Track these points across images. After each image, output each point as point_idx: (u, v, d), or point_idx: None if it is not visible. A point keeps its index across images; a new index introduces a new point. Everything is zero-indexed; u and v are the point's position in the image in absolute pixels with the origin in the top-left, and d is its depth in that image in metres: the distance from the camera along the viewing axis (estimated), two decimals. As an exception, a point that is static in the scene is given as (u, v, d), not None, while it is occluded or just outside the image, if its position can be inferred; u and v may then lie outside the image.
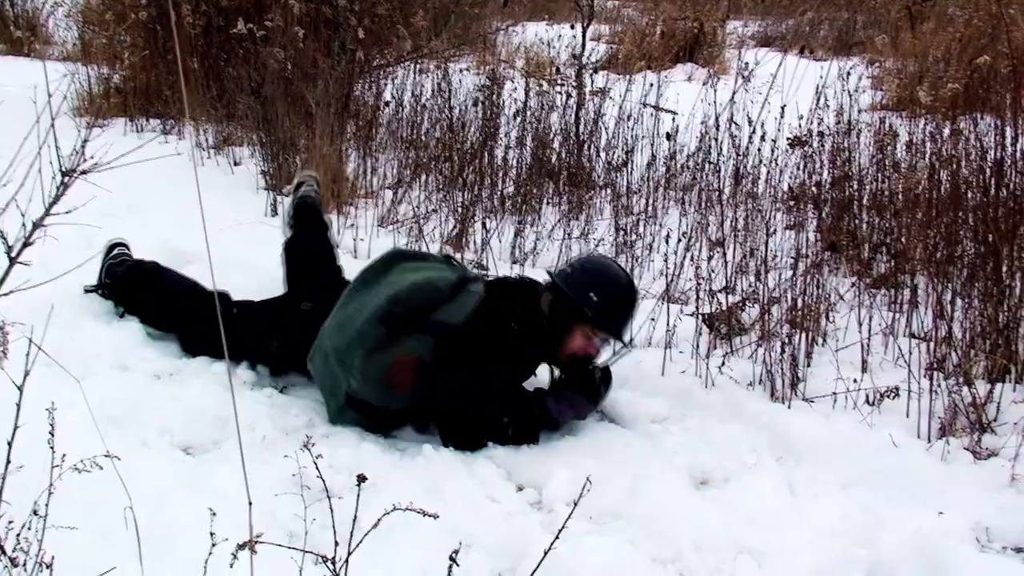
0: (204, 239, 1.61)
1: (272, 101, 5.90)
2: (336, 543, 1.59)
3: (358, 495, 1.66)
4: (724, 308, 4.12)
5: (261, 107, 5.97)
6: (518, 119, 6.08)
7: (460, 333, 3.27)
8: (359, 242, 5.00)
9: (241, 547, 1.48)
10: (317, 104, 5.80)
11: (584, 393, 3.43)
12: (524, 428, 3.29)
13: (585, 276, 3.39)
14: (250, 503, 1.51)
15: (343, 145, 5.89)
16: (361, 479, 1.69)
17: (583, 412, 3.45)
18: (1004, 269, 3.78)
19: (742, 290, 4.35)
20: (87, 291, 3.86)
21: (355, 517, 1.62)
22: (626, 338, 3.47)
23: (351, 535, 1.60)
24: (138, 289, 3.82)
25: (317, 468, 1.80)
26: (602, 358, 3.49)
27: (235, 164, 6.28)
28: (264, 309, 3.72)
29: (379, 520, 1.65)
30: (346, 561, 1.58)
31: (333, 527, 1.64)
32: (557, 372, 3.49)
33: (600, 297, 3.32)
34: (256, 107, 6.02)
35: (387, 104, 6.68)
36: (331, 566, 1.54)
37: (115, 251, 3.97)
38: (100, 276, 3.89)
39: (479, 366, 3.27)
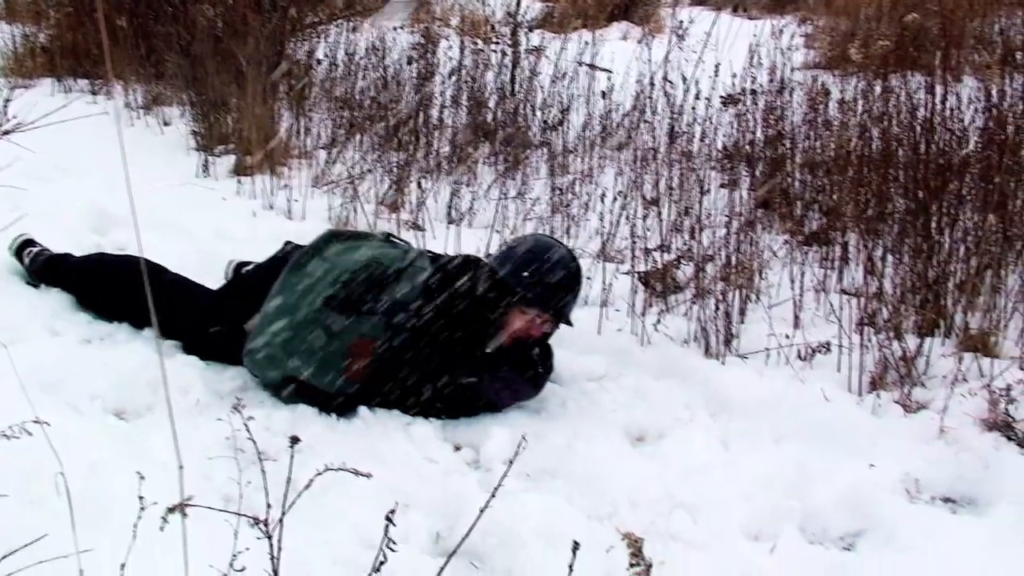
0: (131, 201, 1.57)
1: (201, 60, 5.77)
2: (268, 505, 1.57)
3: (291, 457, 1.64)
4: (659, 266, 4.14)
5: (190, 66, 5.84)
6: (453, 78, 6.03)
7: (414, 312, 3.14)
8: (293, 203, 4.95)
9: (171, 510, 1.45)
10: (248, 62, 5.70)
11: (521, 373, 3.27)
12: (458, 407, 3.18)
13: (519, 255, 3.27)
14: (180, 467, 1.48)
15: (275, 105, 5.81)
16: (294, 440, 1.67)
17: (523, 395, 3.29)
18: (933, 225, 3.84)
19: (677, 248, 4.36)
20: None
21: (289, 479, 1.60)
22: (567, 317, 3.32)
23: (285, 497, 1.58)
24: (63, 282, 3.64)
25: (248, 431, 1.78)
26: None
27: (165, 124, 6.15)
28: (205, 293, 3.53)
29: (311, 481, 1.63)
30: (280, 522, 1.56)
31: (265, 489, 1.62)
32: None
33: (532, 274, 3.19)
34: (185, 66, 5.88)
35: (319, 62, 6.59)
36: (263, 528, 1.52)
37: (26, 250, 3.76)
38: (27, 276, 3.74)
39: (438, 343, 3.13)
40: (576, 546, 1.49)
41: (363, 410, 3.11)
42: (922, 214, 3.86)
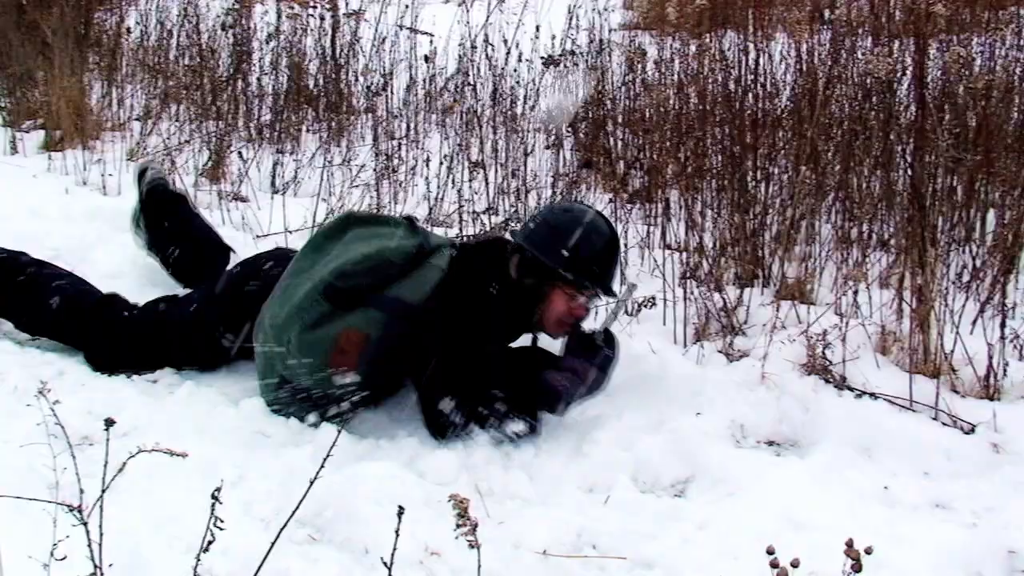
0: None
1: (4, 32, 5.50)
2: (82, 491, 1.51)
3: (107, 440, 1.58)
4: (487, 229, 4.16)
5: (-8, 39, 5.57)
6: (271, 44, 5.89)
7: (420, 313, 2.88)
8: (107, 178, 4.76)
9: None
10: (54, 33, 5.45)
11: (589, 358, 2.97)
12: (520, 412, 2.84)
13: (549, 229, 2.97)
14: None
15: (85, 76, 5.57)
16: (109, 423, 1.61)
17: (593, 382, 2.96)
18: (749, 180, 3.96)
19: (504, 210, 4.39)
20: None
21: (105, 463, 1.54)
22: (615, 290, 3.07)
23: (103, 481, 1.52)
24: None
25: (55, 415, 1.70)
26: (593, 320, 3.15)
27: (-33, 101, 5.83)
28: (181, 306, 3.30)
29: (124, 464, 1.58)
30: (99, 508, 1.50)
31: (77, 474, 1.56)
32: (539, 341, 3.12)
33: (571, 250, 2.90)
34: (-14, 38, 5.60)
35: (129, 31, 6.34)
36: (79, 515, 1.46)
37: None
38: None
39: (445, 348, 2.85)
40: (401, 510, 1.48)
41: (188, 383, 3.01)
42: (738, 169, 3.98)
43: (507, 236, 3.12)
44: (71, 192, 4.69)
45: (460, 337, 2.86)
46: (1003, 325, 3.04)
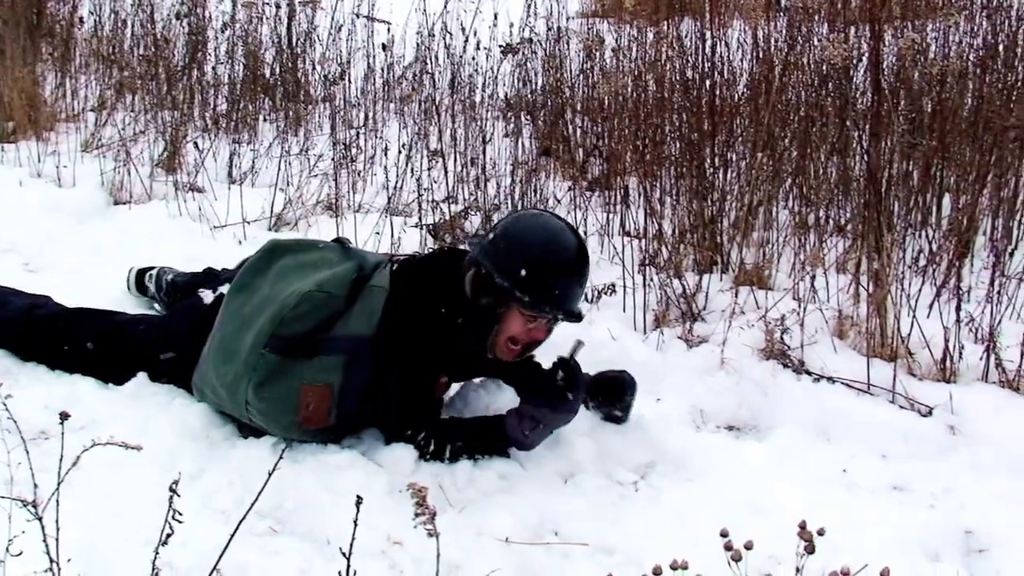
0: None
1: (-48, 22, 5.42)
2: (35, 485, 1.50)
3: (62, 434, 1.56)
4: (447, 218, 4.15)
5: (-61, 28, 5.48)
6: (226, 33, 5.84)
7: (373, 345, 2.64)
8: (62, 169, 4.69)
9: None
10: (5, 23, 5.37)
11: (549, 404, 2.65)
12: (486, 452, 2.67)
13: (509, 243, 2.62)
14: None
15: (38, 67, 5.50)
16: (64, 416, 1.59)
17: (554, 425, 2.68)
18: (707, 166, 3.98)
19: (464, 199, 4.38)
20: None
21: (61, 457, 1.53)
22: (577, 313, 2.69)
23: (58, 475, 1.51)
24: None
25: (7, 408, 1.68)
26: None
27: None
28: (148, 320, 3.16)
29: (78, 458, 1.56)
30: (52, 502, 1.48)
31: (31, 469, 1.55)
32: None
33: (530, 269, 2.56)
34: (-67, 29, 5.51)
35: (82, 21, 6.26)
36: (32, 510, 1.44)
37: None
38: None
39: (401, 382, 2.64)
40: (359, 500, 1.47)
41: (142, 376, 2.96)
42: (696, 156, 3.99)
43: (464, 247, 2.88)
44: (25, 184, 4.63)
45: (412, 367, 2.64)
46: (959, 308, 3.07)
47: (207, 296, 3.03)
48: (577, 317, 2.67)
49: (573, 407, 2.68)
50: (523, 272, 2.55)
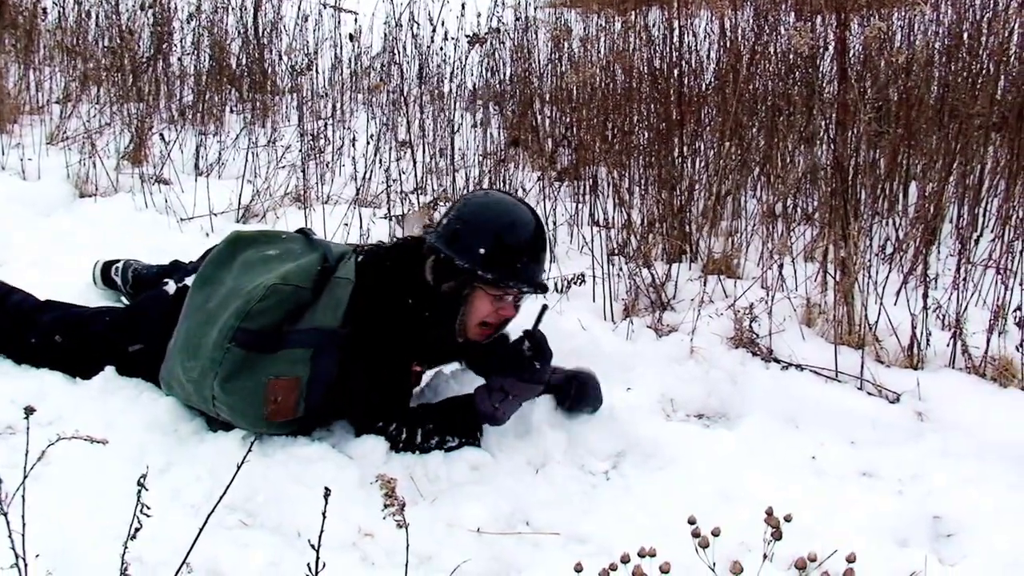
0: None
1: (-88, 12, 5.35)
2: (1, 481, 1.48)
3: (27, 429, 1.55)
4: (416, 208, 4.13)
5: (-101, 18, 5.40)
6: (192, 23, 5.80)
7: (343, 336, 2.63)
8: (27, 162, 4.64)
9: None
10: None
11: (516, 374, 2.65)
12: (458, 435, 2.66)
13: (464, 226, 2.64)
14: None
15: (1, 59, 5.43)
16: (29, 411, 1.57)
17: (524, 396, 2.69)
18: (676, 156, 3.99)
19: (433, 190, 4.37)
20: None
21: (27, 452, 1.51)
22: (542, 284, 2.70)
23: (24, 470, 1.49)
24: None
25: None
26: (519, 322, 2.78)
27: None
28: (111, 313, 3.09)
29: (43, 452, 1.55)
30: (18, 497, 1.47)
31: (-7, 463, 1.53)
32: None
33: (489, 247, 2.58)
34: None
35: (46, 12, 6.19)
36: (-3, 506, 1.43)
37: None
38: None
39: (368, 373, 2.62)
40: (328, 492, 1.47)
41: (109, 370, 2.93)
42: (665, 146, 4.00)
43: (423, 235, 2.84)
44: (-11, 177, 4.58)
45: (381, 358, 2.63)
46: (925, 295, 3.09)
47: (171, 287, 3.00)
48: (543, 288, 2.69)
49: (540, 376, 2.69)
50: (482, 251, 2.57)
